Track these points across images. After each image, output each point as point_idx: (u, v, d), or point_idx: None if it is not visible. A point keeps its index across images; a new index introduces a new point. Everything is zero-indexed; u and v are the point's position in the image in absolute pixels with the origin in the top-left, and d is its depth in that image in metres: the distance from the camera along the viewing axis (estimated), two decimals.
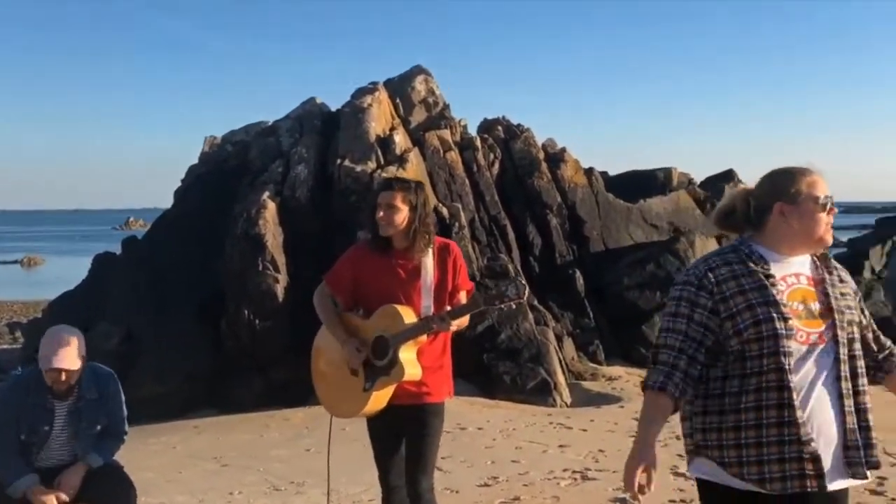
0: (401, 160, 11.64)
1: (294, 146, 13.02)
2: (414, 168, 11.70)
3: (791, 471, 2.43)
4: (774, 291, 2.51)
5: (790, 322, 2.47)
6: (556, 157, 14.33)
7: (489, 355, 10.81)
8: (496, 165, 13.94)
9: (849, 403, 2.50)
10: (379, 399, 3.71)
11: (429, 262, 3.79)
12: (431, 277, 3.78)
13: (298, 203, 11.67)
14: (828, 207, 2.55)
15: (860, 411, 2.52)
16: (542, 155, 14.13)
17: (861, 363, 2.56)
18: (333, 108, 14.03)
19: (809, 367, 2.48)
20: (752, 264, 2.55)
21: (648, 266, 13.15)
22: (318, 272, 11.11)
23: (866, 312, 2.69)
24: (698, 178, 17.36)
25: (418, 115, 13.98)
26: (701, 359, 2.53)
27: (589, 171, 14.61)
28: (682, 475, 6.20)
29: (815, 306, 2.54)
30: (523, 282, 3.57)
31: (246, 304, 11.45)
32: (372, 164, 11.50)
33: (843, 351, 2.51)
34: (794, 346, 2.46)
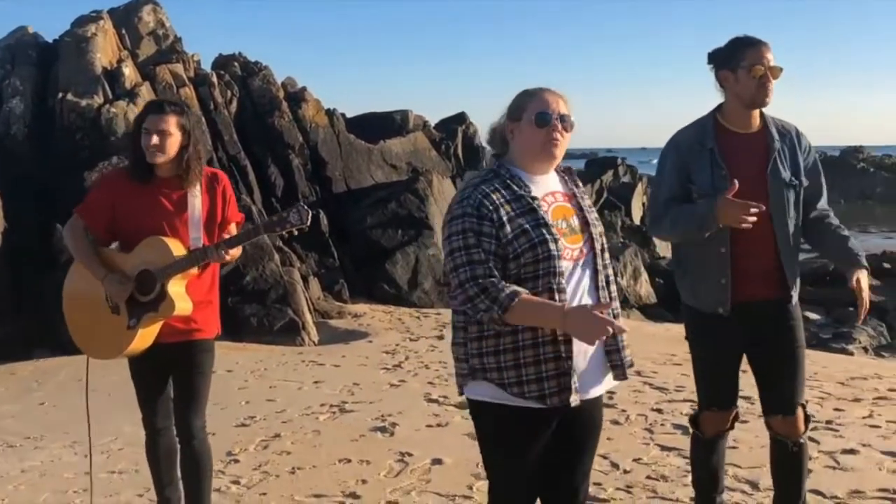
0: (131, 95, 10.92)
1: (5, 78, 11.80)
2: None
3: (568, 383, 2.55)
4: (542, 213, 2.60)
5: (560, 242, 2.58)
6: (296, 97, 14.12)
7: (234, 298, 10.57)
8: (234, 103, 13.50)
9: (607, 311, 2.61)
10: (145, 337, 3.51)
11: (197, 193, 3.60)
12: (199, 208, 3.60)
13: (15, 141, 10.64)
14: (549, 124, 2.60)
15: (615, 317, 2.65)
16: (282, 94, 13.87)
17: (611, 271, 2.71)
18: (50, 40, 12.85)
19: (575, 281, 2.60)
20: (516, 188, 2.62)
21: (390, 205, 13.40)
22: (44, 218, 10.24)
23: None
24: (432, 120, 17.88)
25: (147, 48, 13.18)
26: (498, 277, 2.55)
27: (330, 113, 14.54)
28: (436, 401, 6.48)
29: (575, 222, 2.65)
30: (307, 207, 3.48)
31: None
32: (99, 99, 10.70)
33: (600, 262, 2.66)
34: (564, 265, 2.57)
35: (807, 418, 3.44)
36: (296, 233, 3.52)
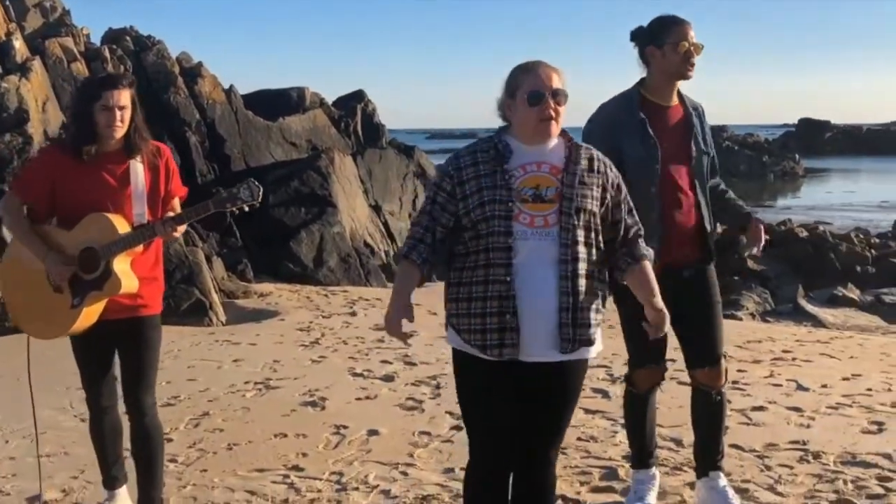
0: (23, 69, 10.46)
1: None
2: (39, 78, 10.60)
3: (508, 339, 2.68)
4: (507, 177, 2.72)
5: (513, 204, 2.69)
6: (192, 72, 13.79)
7: None
8: None
9: (565, 285, 2.70)
10: (89, 315, 3.46)
11: (139, 167, 3.55)
12: (143, 183, 3.55)
13: None
14: (543, 102, 2.71)
15: (577, 293, 2.72)
16: (177, 69, 13.51)
17: (584, 249, 2.73)
18: None
19: (533, 247, 2.69)
20: (497, 160, 2.75)
21: (293, 183, 13.28)
22: None
23: (623, 209, 2.87)
24: (328, 98, 17.73)
25: (33, 21, 12.63)
26: (441, 237, 2.77)
27: (228, 90, 14.26)
28: (361, 375, 6.54)
29: (549, 192, 2.73)
30: (257, 184, 3.49)
31: None
32: None
33: (567, 236, 2.71)
34: (518, 227, 2.68)
35: (726, 370, 3.71)
36: (246, 209, 3.54)
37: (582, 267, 2.75)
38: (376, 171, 16.23)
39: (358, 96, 17.55)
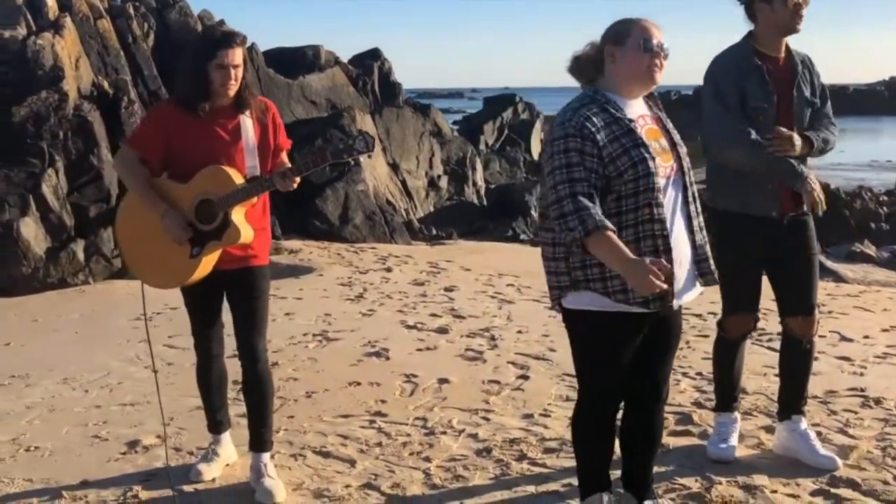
0: (56, 26, 10.45)
1: None
2: (71, 35, 10.60)
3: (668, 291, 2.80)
4: (639, 133, 2.84)
5: (657, 160, 2.83)
6: None
7: None
8: (151, 37, 13.07)
9: (697, 222, 2.95)
10: (206, 265, 3.61)
11: (248, 122, 3.67)
12: (253, 136, 3.68)
13: None
14: (653, 50, 2.84)
15: (702, 229, 2.98)
16: (199, 26, 13.49)
17: (696, 189, 2.99)
18: None
19: (669, 197, 2.86)
20: (612, 111, 2.84)
21: (317, 141, 13.32)
22: None
23: None
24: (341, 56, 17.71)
25: None
26: (596, 201, 2.77)
27: (249, 48, 14.25)
28: (414, 328, 6.71)
29: (664, 142, 2.90)
30: (371, 135, 3.61)
31: None
32: (22, 30, 10.20)
33: (687, 178, 2.94)
34: (660, 181, 2.83)
35: (818, 320, 3.88)
36: (361, 160, 3.66)
37: (698, 204, 2.99)
38: (394, 129, 16.30)
39: (374, 54, 17.56)
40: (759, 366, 5.31)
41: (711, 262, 3.00)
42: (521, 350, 5.96)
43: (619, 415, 3.14)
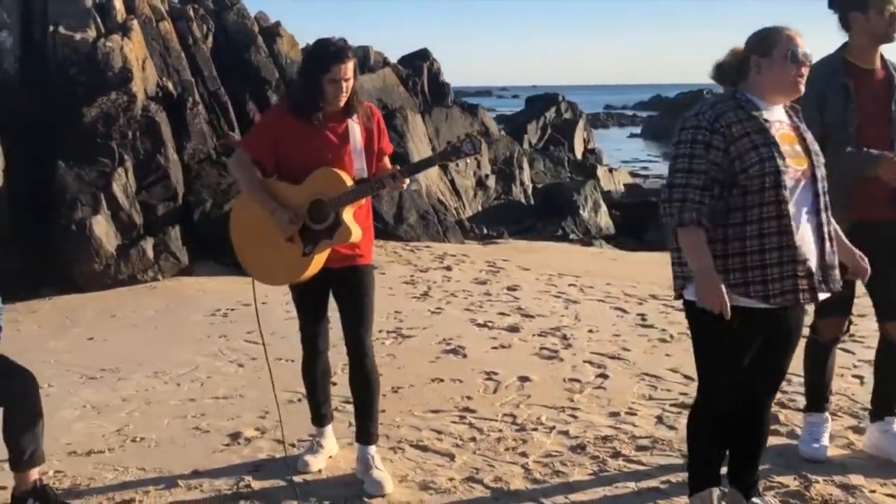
0: (124, 28, 10.70)
1: None
2: (138, 37, 10.85)
3: (787, 287, 2.93)
4: (773, 133, 2.94)
5: (786, 161, 2.92)
6: (270, 32, 13.98)
7: None
8: (209, 39, 13.30)
9: (827, 230, 3.02)
10: (318, 262, 3.77)
11: (355, 126, 3.82)
12: (360, 140, 3.82)
13: (6, 76, 10.33)
14: (798, 60, 2.95)
15: (832, 238, 3.04)
16: (256, 28, 13.71)
17: (828, 199, 3.04)
18: None
19: (798, 199, 2.94)
20: (749, 109, 2.96)
21: None
22: (41, 154, 10.05)
23: None
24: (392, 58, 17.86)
25: None
26: (716, 194, 2.90)
27: (304, 48, 14.46)
28: (485, 326, 6.82)
29: (798, 148, 3.00)
30: (479, 137, 3.74)
31: None
32: (92, 33, 10.45)
33: (821, 186, 3.01)
34: (788, 181, 2.91)
35: None
36: (469, 162, 3.78)
37: (830, 216, 3.05)
38: (443, 129, 16.42)
39: (423, 55, 17.70)
40: (836, 367, 5.35)
41: (837, 272, 3.05)
42: (595, 349, 6.06)
43: None
